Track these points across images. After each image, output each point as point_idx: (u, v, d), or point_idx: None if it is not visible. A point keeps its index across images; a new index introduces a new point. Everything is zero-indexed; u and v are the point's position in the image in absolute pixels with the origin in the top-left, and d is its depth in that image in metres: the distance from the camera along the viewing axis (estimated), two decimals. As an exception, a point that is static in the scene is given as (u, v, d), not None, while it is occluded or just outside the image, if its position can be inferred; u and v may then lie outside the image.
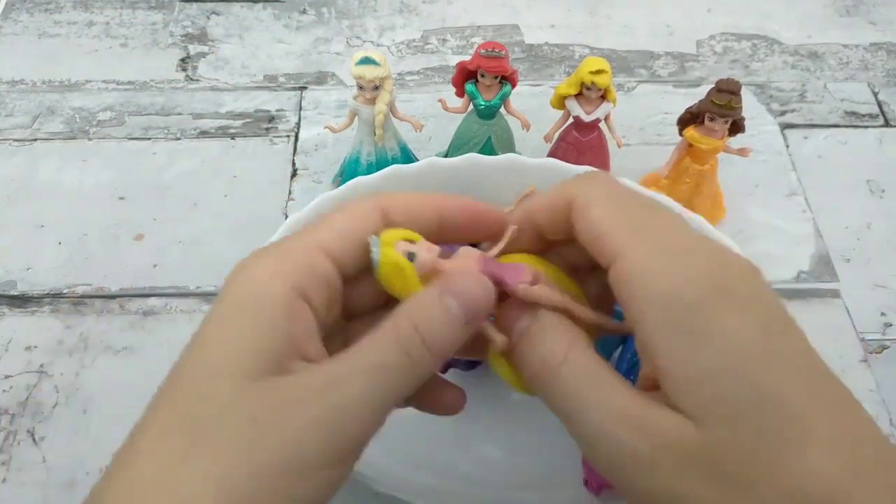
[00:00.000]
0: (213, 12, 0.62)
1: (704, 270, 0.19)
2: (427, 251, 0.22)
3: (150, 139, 0.54)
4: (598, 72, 0.43)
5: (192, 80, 0.58)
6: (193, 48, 0.60)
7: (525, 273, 0.22)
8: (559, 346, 0.20)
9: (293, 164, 0.52)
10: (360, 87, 0.44)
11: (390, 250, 0.21)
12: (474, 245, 0.24)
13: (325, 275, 0.21)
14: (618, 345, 0.39)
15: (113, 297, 0.45)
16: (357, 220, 0.22)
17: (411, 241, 0.22)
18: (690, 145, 0.45)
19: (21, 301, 0.45)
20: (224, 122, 0.55)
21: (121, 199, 0.50)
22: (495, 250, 0.23)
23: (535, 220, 0.23)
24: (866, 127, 0.55)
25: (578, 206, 0.21)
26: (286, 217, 0.48)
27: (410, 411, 0.25)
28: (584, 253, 0.22)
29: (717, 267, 0.20)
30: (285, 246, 0.21)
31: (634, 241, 0.20)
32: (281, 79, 0.58)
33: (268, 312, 0.19)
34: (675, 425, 0.18)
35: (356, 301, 0.23)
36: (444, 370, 0.33)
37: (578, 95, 0.45)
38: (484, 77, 0.44)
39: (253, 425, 0.17)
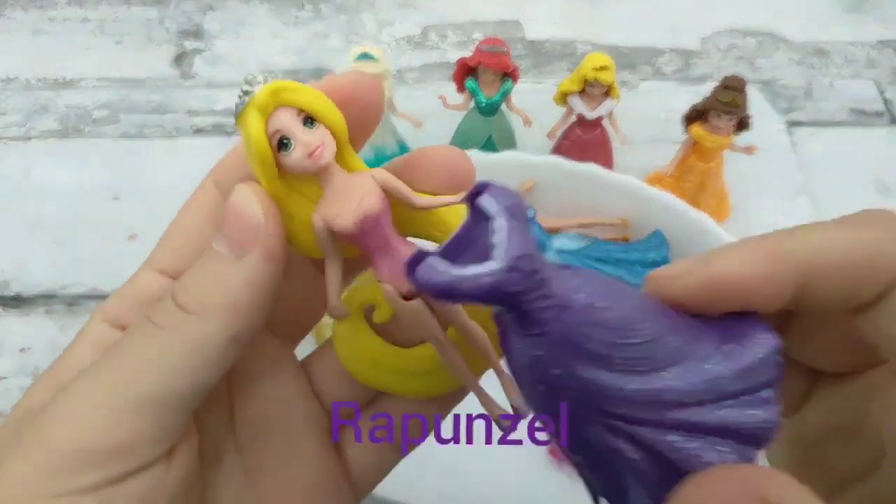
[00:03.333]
0: (209, 8, 0.62)
1: None
2: (312, 144, 0.15)
3: (144, 137, 0.53)
4: (601, 68, 0.42)
5: (187, 76, 0.57)
6: (189, 44, 0.59)
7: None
8: None
9: (291, 162, 0.51)
10: (359, 84, 0.43)
11: (257, 120, 0.15)
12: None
13: (152, 293, 0.17)
14: None
15: (107, 297, 0.44)
16: (190, 212, 0.18)
17: (308, 117, 0.15)
18: (696, 143, 0.44)
19: (15, 302, 0.44)
20: (220, 120, 0.54)
21: (115, 198, 0.49)
22: (429, 202, 0.16)
23: (811, 286, 0.14)
24: (873, 125, 0.54)
25: None
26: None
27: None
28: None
29: None
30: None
31: None
32: (278, 75, 0.57)
33: (70, 351, 0.17)
34: None
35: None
36: None
37: (581, 92, 0.44)
38: (485, 73, 0.43)
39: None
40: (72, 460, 0.14)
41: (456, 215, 0.16)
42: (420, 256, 0.13)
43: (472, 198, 0.13)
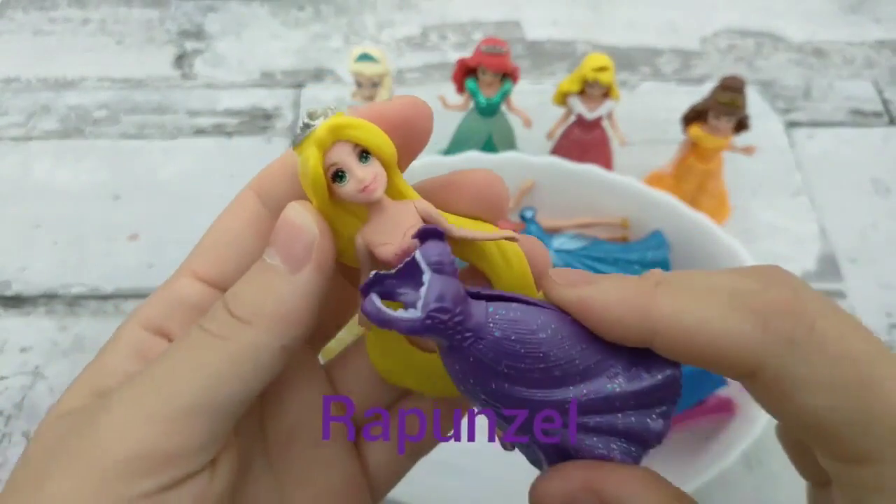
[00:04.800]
0: (210, 9, 0.62)
1: None
2: (365, 180, 0.15)
3: (145, 138, 0.53)
4: (601, 69, 0.42)
5: (187, 77, 0.57)
6: (189, 45, 0.59)
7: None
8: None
9: (291, 162, 0.51)
10: (359, 85, 0.43)
11: (315, 153, 0.15)
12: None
13: (192, 300, 0.17)
14: None
15: (108, 297, 0.45)
16: (230, 219, 0.18)
17: (363, 151, 0.16)
18: (694, 143, 0.44)
19: (16, 302, 0.44)
20: (220, 120, 0.54)
21: (116, 198, 0.49)
22: (466, 234, 0.17)
23: (658, 340, 0.16)
24: (871, 125, 0.54)
25: (774, 384, 0.15)
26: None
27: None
28: None
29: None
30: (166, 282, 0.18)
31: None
32: (278, 76, 0.57)
33: (107, 355, 0.17)
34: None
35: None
36: None
37: (581, 93, 0.44)
38: (485, 74, 0.43)
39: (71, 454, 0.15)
40: (124, 468, 0.14)
41: (496, 244, 0.17)
42: (370, 285, 0.15)
43: (419, 238, 0.16)
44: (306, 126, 0.16)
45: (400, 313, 0.15)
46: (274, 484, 0.18)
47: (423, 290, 0.15)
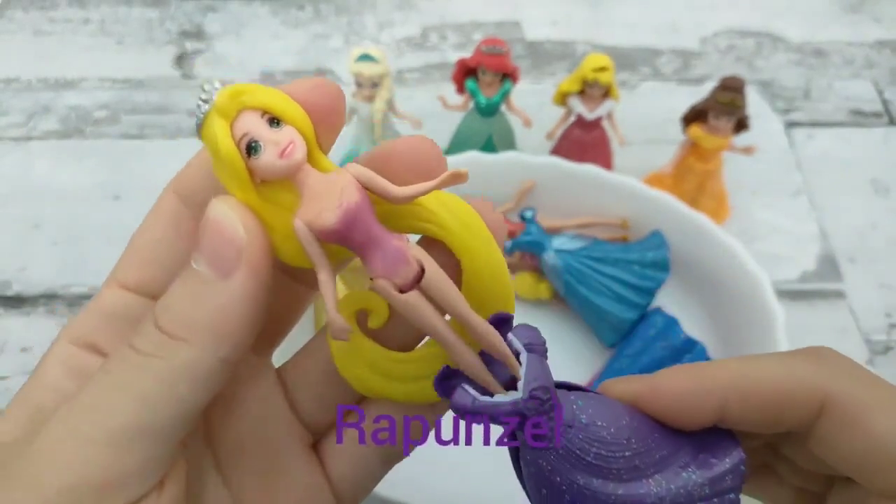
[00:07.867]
0: (210, 9, 0.62)
1: None
2: (282, 142, 0.14)
3: (145, 138, 0.53)
4: (601, 69, 0.42)
5: (188, 77, 0.57)
6: (190, 45, 0.59)
7: (401, 263, 0.15)
8: None
9: (291, 162, 0.51)
10: (359, 85, 0.43)
11: (222, 127, 0.14)
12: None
13: (119, 311, 0.17)
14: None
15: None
16: (150, 224, 0.17)
17: (272, 118, 0.14)
18: (694, 143, 0.44)
19: (16, 301, 0.44)
20: (221, 120, 0.54)
21: (116, 198, 0.50)
22: (408, 191, 0.15)
23: (731, 407, 0.16)
24: (871, 125, 0.54)
25: (844, 411, 0.15)
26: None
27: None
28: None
29: None
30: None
31: None
32: (278, 76, 0.57)
33: (41, 373, 0.16)
34: None
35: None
36: None
37: (581, 93, 0.44)
38: (485, 74, 0.43)
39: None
40: (60, 500, 0.14)
41: (438, 202, 0.16)
42: (441, 378, 0.15)
43: (496, 325, 0.15)
44: (204, 101, 0.14)
45: (499, 398, 0.15)
46: (227, 494, 0.17)
47: (522, 371, 0.15)
